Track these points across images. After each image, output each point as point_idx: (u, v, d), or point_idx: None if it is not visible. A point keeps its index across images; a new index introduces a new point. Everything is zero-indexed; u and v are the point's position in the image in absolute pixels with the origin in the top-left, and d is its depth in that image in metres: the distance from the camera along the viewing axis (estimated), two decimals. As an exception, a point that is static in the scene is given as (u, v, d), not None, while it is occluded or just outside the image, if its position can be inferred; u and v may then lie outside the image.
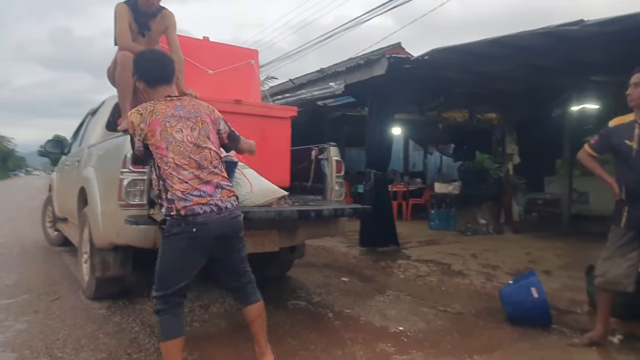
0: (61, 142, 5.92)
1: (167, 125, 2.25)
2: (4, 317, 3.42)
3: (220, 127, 2.47)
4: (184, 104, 2.36)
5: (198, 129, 2.31)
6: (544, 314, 3.36)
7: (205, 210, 2.21)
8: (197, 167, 2.25)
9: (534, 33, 3.96)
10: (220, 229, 2.25)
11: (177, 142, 2.24)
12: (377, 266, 5.45)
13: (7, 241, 7.00)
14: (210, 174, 2.28)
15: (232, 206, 2.31)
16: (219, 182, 2.30)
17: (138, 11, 3.57)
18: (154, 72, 2.40)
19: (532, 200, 9.13)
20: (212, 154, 2.32)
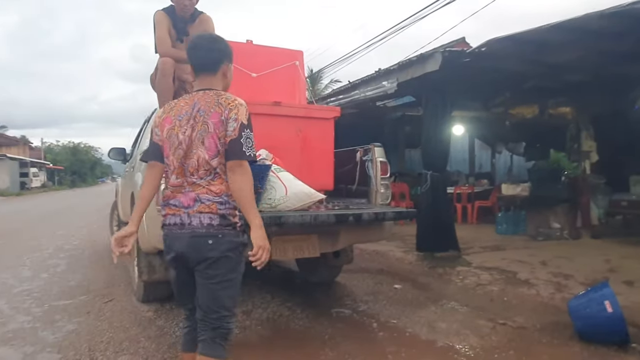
0: (123, 150, 6.21)
1: (175, 124, 1.99)
2: (59, 318, 3.59)
3: (227, 128, 1.91)
4: (202, 100, 1.98)
5: (197, 131, 1.94)
6: (620, 331, 2.93)
7: (170, 222, 1.98)
8: (182, 174, 1.96)
9: (603, 14, 3.50)
10: (177, 246, 1.95)
11: (178, 144, 1.96)
12: (434, 273, 5.14)
13: (81, 243, 7.50)
14: (193, 184, 1.94)
15: (198, 223, 1.90)
16: (199, 195, 1.92)
17: (176, 17, 3.62)
18: (196, 57, 2.07)
19: (615, 201, 8.22)
20: (201, 161, 1.93)
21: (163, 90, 3.58)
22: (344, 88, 8.25)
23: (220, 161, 1.94)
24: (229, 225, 1.93)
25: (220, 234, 1.91)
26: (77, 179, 49.46)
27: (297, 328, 3.38)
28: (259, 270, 1.99)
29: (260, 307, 3.82)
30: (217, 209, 1.92)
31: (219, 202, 1.93)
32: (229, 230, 1.93)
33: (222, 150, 1.93)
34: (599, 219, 7.63)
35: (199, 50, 2.06)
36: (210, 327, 1.94)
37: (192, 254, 1.92)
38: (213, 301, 1.93)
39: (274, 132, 3.60)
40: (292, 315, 3.64)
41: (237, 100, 1.97)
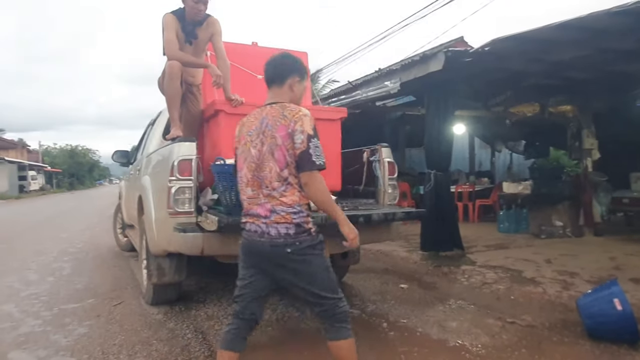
0: (127, 153, 6.22)
1: (248, 140, 2.15)
2: (69, 321, 3.59)
3: (295, 140, 2.01)
4: (269, 114, 2.10)
5: (267, 144, 2.06)
6: (630, 329, 2.94)
7: (251, 228, 2.13)
8: (258, 186, 2.10)
9: (609, 12, 3.52)
10: (259, 252, 2.11)
11: (251, 158, 2.11)
12: (439, 272, 5.15)
13: (84, 246, 7.50)
14: (268, 196, 2.06)
15: (276, 233, 2.03)
16: (274, 206, 2.05)
17: (185, 20, 3.63)
18: (267, 71, 2.22)
19: (617, 199, 8.26)
20: (273, 173, 2.05)
21: (171, 93, 3.59)
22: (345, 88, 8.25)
23: (290, 172, 2.04)
24: (304, 232, 2.06)
25: (298, 242, 2.04)
26: (75, 182, 49.35)
27: (307, 329, 3.40)
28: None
29: (270, 309, 3.82)
30: (292, 219, 2.04)
31: (293, 212, 2.04)
32: (305, 237, 2.06)
33: (290, 161, 2.04)
34: (601, 216, 7.66)
35: (269, 65, 2.22)
36: (325, 316, 2.12)
37: (273, 260, 2.07)
38: (312, 296, 2.10)
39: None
40: (302, 317, 3.65)
41: (302, 111, 2.08)
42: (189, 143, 3.16)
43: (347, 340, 2.11)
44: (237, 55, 4.08)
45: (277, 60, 2.22)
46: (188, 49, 3.69)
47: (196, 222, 3.08)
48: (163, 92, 3.78)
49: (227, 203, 2.96)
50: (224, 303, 3.98)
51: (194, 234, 3.01)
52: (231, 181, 2.89)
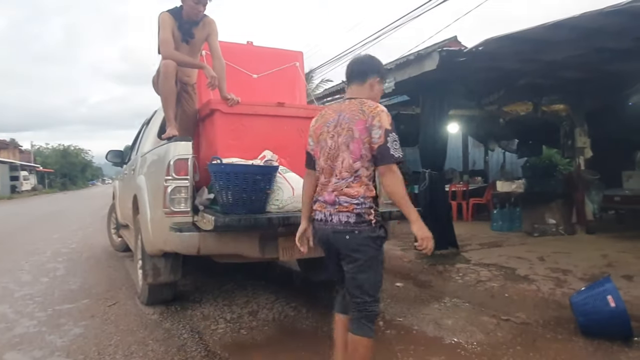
0: (121, 152, 6.18)
1: (324, 130, 2.28)
2: (64, 322, 3.57)
3: (372, 135, 2.13)
4: (346, 109, 2.23)
5: (343, 136, 2.19)
6: (624, 326, 2.98)
7: (318, 217, 2.29)
8: (329, 175, 2.24)
9: (602, 12, 3.55)
10: (324, 237, 2.27)
11: (327, 148, 2.25)
12: (434, 270, 5.17)
13: (78, 247, 7.45)
14: (335, 184, 2.20)
15: (337, 221, 2.17)
16: (338, 197, 2.18)
17: (182, 19, 3.62)
18: (349, 69, 2.36)
19: (609, 197, 8.34)
20: (345, 164, 2.18)
21: (166, 92, 3.58)
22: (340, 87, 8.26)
23: (362, 165, 2.16)
24: (364, 222, 2.14)
25: (357, 230, 2.14)
26: (67, 182, 48.99)
27: (304, 328, 3.40)
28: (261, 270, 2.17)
29: (266, 308, 3.83)
30: (353, 209, 2.15)
31: (356, 204, 2.15)
32: (364, 227, 2.14)
33: (365, 155, 2.16)
34: (594, 214, 7.73)
35: (353, 63, 2.36)
36: (357, 310, 2.21)
37: (335, 245, 2.23)
38: (356, 288, 2.19)
39: (278, 133, 3.61)
40: (298, 315, 3.65)
41: (379, 107, 2.18)
42: (185, 142, 3.16)
43: (368, 339, 2.20)
44: (232, 54, 4.07)
45: (361, 59, 2.38)
46: (184, 48, 3.68)
47: (192, 221, 3.07)
48: (158, 92, 3.76)
49: (223, 202, 2.96)
50: (220, 303, 3.98)
51: (190, 234, 3.01)
52: (227, 180, 2.89)
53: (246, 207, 2.94)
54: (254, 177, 2.92)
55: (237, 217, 2.83)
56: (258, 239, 3.13)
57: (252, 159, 3.30)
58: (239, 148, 3.41)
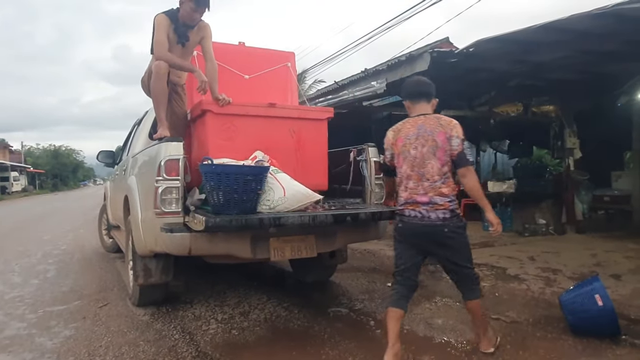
0: (112, 153, 6.15)
1: (406, 143, 2.73)
2: (55, 324, 3.55)
3: (452, 144, 2.65)
4: (425, 123, 2.71)
5: (428, 146, 2.67)
6: (611, 324, 3.02)
7: (411, 214, 2.71)
8: (419, 180, 2.68)
9: (590, 15, 3.60)
10: (420, 233, 2.70)
11: (411, 157, 2.70)
12: (425, 270, 5.18)
13: (69, 248, 7.40)
14: (428, 187, 2.65)
15: (436, 217, 2.64)
16: (433, 197, 2.65)
17: (178, 22, 3.63)
18: (419, 89, 2.86)
19: (598, 197, 8.43)
20: (434, 169, 2.65)
21: (158, 93, 3.58)
22: (332, 88, 8.27)
23: (448, 168, 2.67)
24: (455, 216, 2.68)
25: (452, 223, 2.66)
26: (58, 183, 48.56)
27: (295, 328, 3.41)
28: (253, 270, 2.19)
29: (257, 308, 3.83)
30: (448, 206, 2.65)
31: (449, 201, 2.65)
32: (455, 220, 2.68)
33: (447, 160, 2.66)
34: (583, 214, 7.81)
35: (420, 84, 2.89)
36: (464, 281, 2.76)
37: (432, 236, 2.67)
38: (456, 265, 2.73)
39: (269, 134, 3.61)
40: (290, 316, 3.66)
41: (453, 121, 2.72)
42: (176, 143, 3.15)
43: (479, 299, 2.80)
44: (223, 55, 4.07)
45: (426, 82, 2.89)
46: (178, 50, 3.69)
47: (183, 222, 3.06)
48: (147, 92, 3.76)
49: (214, 203, 2.95)
50: (212, 303, 3.98)
51: (181, 234, 3.00)
52: (218, 181, 2.89)
53: (237, 208, 2.94)
54: (245, 177, 2.92)
55: (228, 218, 2.83)
56: (249, 239, 3.13)
57: (244, 159, 3.31)
58: (231, 149, 3.41)
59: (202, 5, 3.61)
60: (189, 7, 3.58)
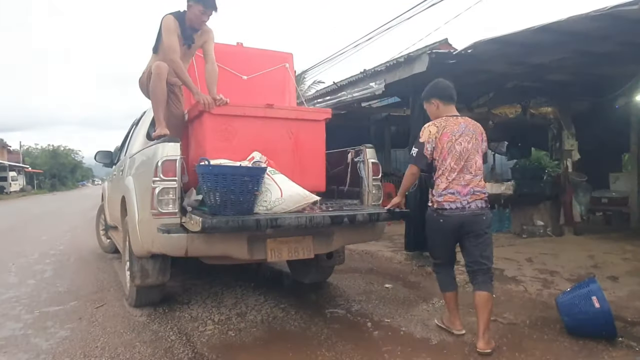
0: (110, 153, 6.15)
1: (452, 139, 2.99)
2: (51, 324, 3.54)
3: (484, 144, 3.15)
4: (466, 122, 3.08)
5: (472, 143, 3.02)
6: (608, 326, 3.02)
7: (451, 206, 2.97)
8: (461, 172, 2.98)
9: (588, 16, 3.60)
10: (460, 222, 2.98)
11: (456, 152, 2.98)
12: (423, 272, 5.20)
13: (66, 249, 7.38)
14: (469, 180, 2.98)
15: (476, 207, 2.98)
16: (473, 188, 2.98)
17: (184, 24, 3.65)
18: (452, 92, 3.19)
19: (596, 199, 8.45)
20: (478, 164, 3.03)
21: (158, 93, 3.58)
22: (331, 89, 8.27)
23: (482, 163, 3.09)
24: (488, 206, 3.06)
25: (488, 211, 3.07)
26: (56, 183, 48.46)
27: (292, 329, 3.40)
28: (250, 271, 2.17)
29: (254, 309, 3.82)
30: (484, 197, 3.03)
31: (484, 193, 3.03)
32: (488, 210, 3.08)
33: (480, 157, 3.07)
34: (581, 216, 7.82)
35: (453, 90, 3.21)
36: (482, 273, 2.99)
37: (471, 226, 2.97)
38: (483, 257, 3.00)
39: (267, 135, 3.61)
40: (287, 317, 3.65)
41: (479, 124, 3.15)
42: (173, 143, 3.14)
43: (491, 293, 2.99)
44: (222, 55, 4.07)
45: (452, 86, 3.23)
46: (183, 51, 3.73)
47: (180, 223, 3.06)
48: (146, 92, 3.76)
49: (211, 204, 2.95)
50: (209, 304, 3.97)
51: (178, 235, 2.99)
52: (215, 182, 2.88)
53: (234, 209, 2.93)
54: (242, 178, 2.91)
55: (224, 219, 2.83)
56: (246, 240, 3.13)
57: (241, 160, 3.30)
58: (228, 149, 3.40)
59: (211, 8, 3.65)
60: (197, 10, 3.62)
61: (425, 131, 3.08)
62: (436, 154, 3.03)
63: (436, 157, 3.03)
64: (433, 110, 3.22)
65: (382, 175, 3.93)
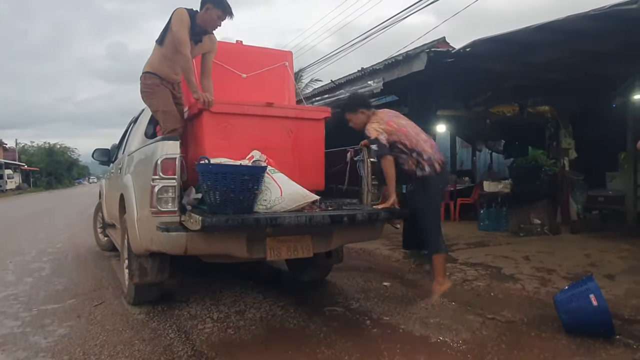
0: (108, 151, 6.13)
1: (395, 121, 3.80)
2: (49, 322, 3.53)
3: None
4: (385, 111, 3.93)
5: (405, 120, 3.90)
6: (605, 324, 3.04)
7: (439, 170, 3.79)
8: (430, 149, 3.83)
9: (586, 15, 3.62)
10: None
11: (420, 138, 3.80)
12: (421, 270, 5.21)
13: (63, 246, 7.36)
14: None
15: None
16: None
17: (195, 22, 3.65)
18: (368, 101, 4.11)
19: (592, 197, 8.48)
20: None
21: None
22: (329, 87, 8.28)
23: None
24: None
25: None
26: (53, 181, 48.30)
27: (291, 327, 3.41)
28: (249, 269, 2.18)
29: (253, 307, 3.83)
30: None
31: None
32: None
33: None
34: (578, 214, 7.85)
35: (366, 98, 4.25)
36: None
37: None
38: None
39: (266, 133, 3.61)
40: (286, 315, 3.66)
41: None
42: (172, 142, 3.14)
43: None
44: (221, 53, 4.05)
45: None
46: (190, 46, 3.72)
47: (180, 221, 3.06)
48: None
49: (211, 202, 2.95)
50: (207, 302, 3.97)
51: (177, 234, 2.99)
52: (215, 181, 2.88)
53: (234, 207, 2.93)
54: (242, 177, 2.91)
55: (224, 217, 2.83)
56: (245, 239, 3.13)
57: (241, 159, 3.30)
58: (227, 148, 3.40)
59: (228, 14, 3.67)
60: (215, 15, 3.63)
61: (372, 130, 3.63)
62: (395, 137, 3.64)
63: (396, 140, 3.63)
64: (362, 118, 3.83)
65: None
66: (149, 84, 3.76)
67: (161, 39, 3.73)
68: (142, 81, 3.80)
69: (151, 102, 3.79)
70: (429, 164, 3.66)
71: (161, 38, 3.73)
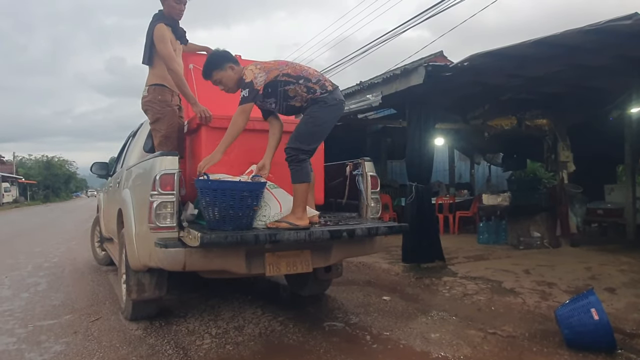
0: (106, 165, 6.12)
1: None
2: (45, 338, 3.48)
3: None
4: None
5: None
6: (607, 338, 3.01)
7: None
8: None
9: (582, 30, 3.66)
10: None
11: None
12: (421, 284, 5.19)
13: (60, 261, 7.31)
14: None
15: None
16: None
17: (174, 24, 3.69)
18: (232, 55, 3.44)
19: (592, 210, 8.50)
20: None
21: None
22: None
23: None
24: None
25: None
26: (50, 194, 48.17)
27: (290, 343, 3.37)
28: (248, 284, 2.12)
29: (252, 323, 3.79)
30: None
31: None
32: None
33: None
34: (577, 227, 7.84)
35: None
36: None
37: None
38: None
39: (265, 148, 3.60)
40: (285, 330, 3.62)
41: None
42: (171, 157, 3.13)
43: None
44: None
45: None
46: (181, 47, 3.75)
47: (178, 237, 3.04)
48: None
49: (210, 218, 2.93)
50: (206, 317, 3.93)
51: (175, 250, 2.96)
52: (214, 197, 2.87)
53: (233, 224, 2.91)
54: (241, 193, 2.90)
55: (223, 234, 2.81)
56: (244, 255, 3.11)
57: (239, 174, 3.29)
58: (226, 163, 3.39)
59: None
60: (172, 2, 3.68)
61: (248, 72, 3.20)
62: (277, 72, 3.30)
63: (278, 74, 3.28)
64: (231, 74, 3.32)
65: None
66: (159, 99, 3.77)
67: (149, 59, 3.76)
68: (150, 94, 3.79)
69: (156, 123, 3.78)
70: (319, 86, 3.31)
71: (149, 58, 3.76)
